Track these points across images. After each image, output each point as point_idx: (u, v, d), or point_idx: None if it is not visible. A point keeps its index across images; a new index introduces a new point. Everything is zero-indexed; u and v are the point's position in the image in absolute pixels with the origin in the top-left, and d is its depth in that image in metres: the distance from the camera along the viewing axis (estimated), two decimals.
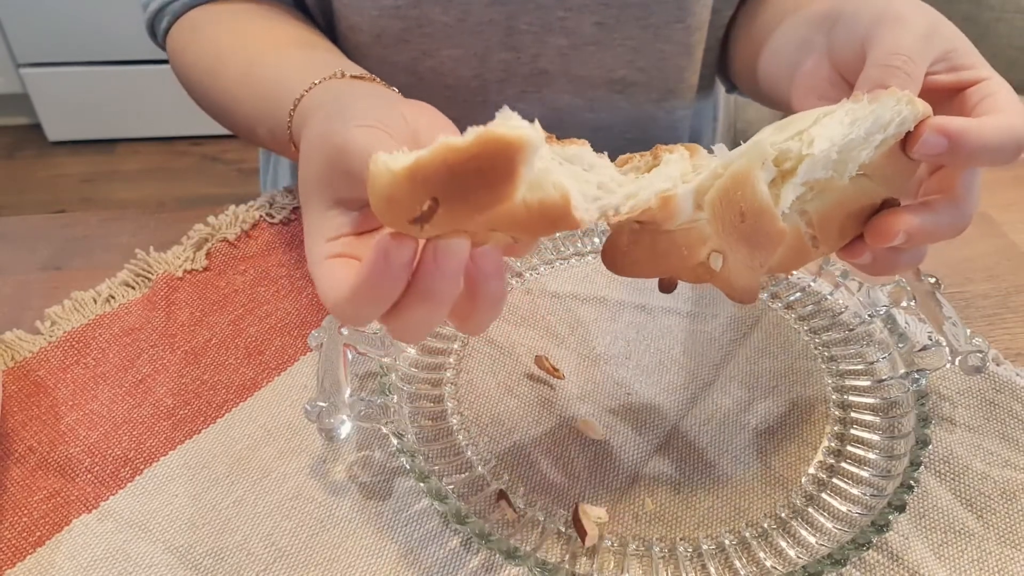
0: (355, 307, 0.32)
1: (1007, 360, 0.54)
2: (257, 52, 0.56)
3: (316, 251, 0.35)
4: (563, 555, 0.43)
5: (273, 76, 0.52)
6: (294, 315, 0.56)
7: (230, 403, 0.51)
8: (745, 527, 0.44)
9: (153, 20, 0.64)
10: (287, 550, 0.43)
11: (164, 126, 2.17)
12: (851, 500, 0.45)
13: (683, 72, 0.72)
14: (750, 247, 0.37)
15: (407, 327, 0.33)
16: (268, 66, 0.54)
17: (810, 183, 0.36)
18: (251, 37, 0.58)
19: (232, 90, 0.56)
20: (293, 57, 0.54)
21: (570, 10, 0.66)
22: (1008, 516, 0.45)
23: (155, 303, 0.56)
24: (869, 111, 0.36)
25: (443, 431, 0.49)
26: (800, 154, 0.35)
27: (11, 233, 0.64)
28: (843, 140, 0.35)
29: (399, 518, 0.45)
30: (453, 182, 0.28)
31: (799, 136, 0.35)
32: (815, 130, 0.35)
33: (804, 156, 0.35)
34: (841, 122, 0.36)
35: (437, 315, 0.33)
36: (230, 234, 0.61)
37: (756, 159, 0.35)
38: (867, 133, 0.36)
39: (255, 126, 0.54)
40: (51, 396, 0.51)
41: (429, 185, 0.28)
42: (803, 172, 0.35)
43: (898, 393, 0.49)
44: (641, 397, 0.51)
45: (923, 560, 0.43)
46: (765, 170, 0.35)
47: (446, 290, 0.32)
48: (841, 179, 0.37)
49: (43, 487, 0.46)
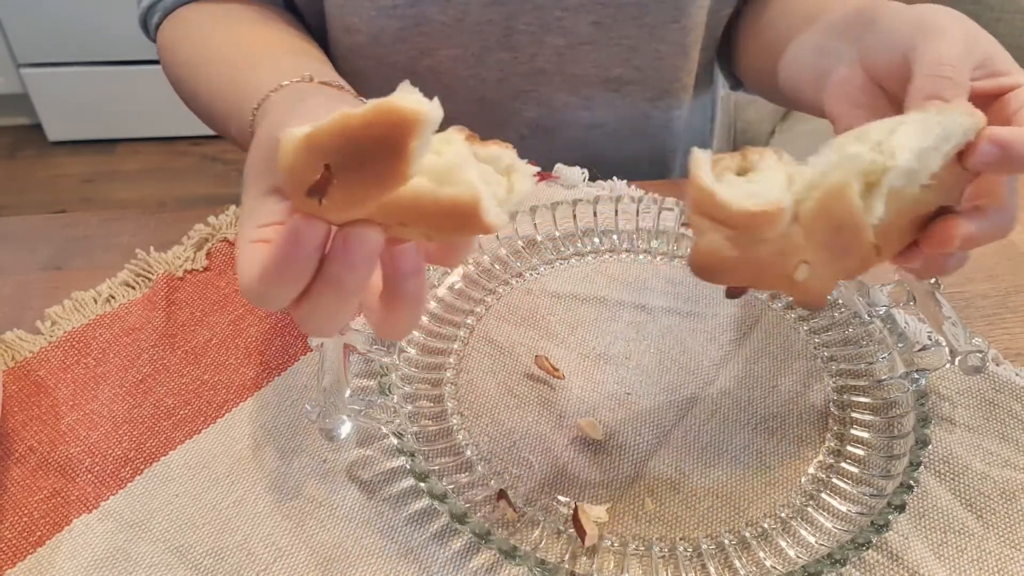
0: (263, 286, 0.33)
1: (1007, 360, 0.54)
2: (242, 56, 0.57)
3: (244, 234, 0.36)
4: (563, 555, 0.43)
5: (251, 79, 0.52)
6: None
7: (230, 403, 0.51)
8: (745, 527, 0.44)
9: (145, 15, 0.66)
10: (287, 550, 0.43)
11: (164, 126, 2.17)
12: (851, 500, 0.45)
13: (679, 72, 0.73)
14: (837, 257, 0.37)
15: (314, 316, 0.34)
16: (249, 69, 0.54)
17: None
18: (240, 39, 0.59)
19: (213, 88, 0.57)
20: (277, 61, 0.55)
21: (567, 10, 0.66)
22: (1008, 516, 0.45)
23: (155, 303, 0.56)
24: (937, 122, 0.36)
25: (443, 431, 0.49)
26: (885, 165, 0.35)
27: (11, 233, 0.64)
28: (920, 151, 0.35)
29: (399, 518, 0.45)
30: (347, 150, 0.28)
31: (879, 147, 0.36)
32: (895, 140, 0.36)
33: (889, 167, 0.35)
34: (916, 133, 0.36)
35: (345, 305, 0.33)
36: (230, 234, 0.61)
37: (852, 172, 0.35)
38: (936, 144, 0.36)
39: (228, 123, 0.55)
40: (51, 396, 0.51)
41: (324, 152, 0.29)
42: (886, 183, 0.35)
43: (898, 393, 0.49)
44: (641, 397, 0.51)
45: (923, 560, 0.43)
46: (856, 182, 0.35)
47: (354, 279, 0.32)
48: (913, 189, 0.37)
49: (43, 487, 0.46)
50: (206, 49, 0.60)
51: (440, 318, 0.55)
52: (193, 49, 0.61)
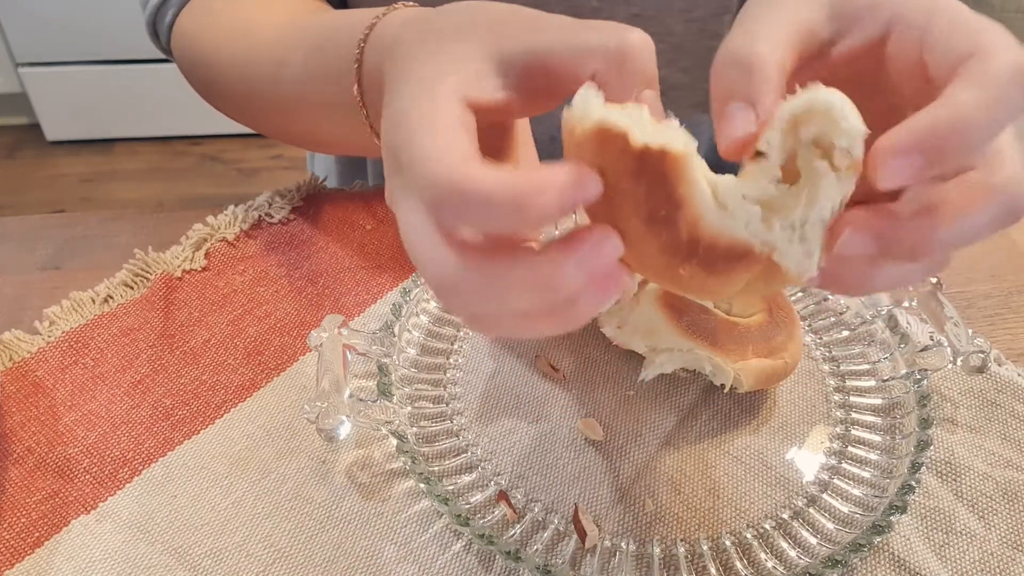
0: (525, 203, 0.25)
1: (1009, 360, 0.53)
2: (288, 17, 0.50)
3: (445, 104, 0.28)
4: (563, 556, 0.43)
5: (315, 22, 0.45)
6: (293, 315, 0.56)
7: (229, 403, 0.50)
8: (746, 528, 0.44)
9: (155, 16, 0.60)
10: (286, 551, 0.43)
11: (163, 126, 2.17)
12: (853, 501, 0.45)
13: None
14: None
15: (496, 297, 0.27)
16: (308, 20, 0.47)
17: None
18: (277, 8, 0.53)
19: (273, 54, 0.48)
20: (336, 12, 0.48)
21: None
22: (1010, 517, 0.45)
23: (154, 303, 0.56)
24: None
25: (443, 432, 0.48)
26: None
27: (10, 233, 0.64)
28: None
29: (399, 518, 0.45)
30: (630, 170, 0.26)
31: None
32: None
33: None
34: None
35: (536, 299, 0.27)
36: (229, 234, 0.61)
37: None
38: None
39: (306, 81, 0.46)
40: (49, 396, 0.50)
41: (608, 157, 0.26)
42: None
43: (900, 394, 0.49)
44: (641, 397, 0.51)
45: (925, 561, 0.43)
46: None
47: (567, 282, 0.27)
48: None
49: (41, 488, 0.46)
50: (249, 21, 0.52)
51: (440, 318, 0.55)
52: (234, 24, 0.53)
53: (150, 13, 0.60)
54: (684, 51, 0.63)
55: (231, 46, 0.52)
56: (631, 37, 0.30)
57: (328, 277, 0.59)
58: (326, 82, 0.43)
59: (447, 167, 0.26)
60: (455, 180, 0.26)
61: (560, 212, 0.25)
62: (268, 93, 0.50)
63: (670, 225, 0.27)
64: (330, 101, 0.43)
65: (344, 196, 0.65)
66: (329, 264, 0.59)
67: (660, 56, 0.69)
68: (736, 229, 0.27)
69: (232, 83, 0.53)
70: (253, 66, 0.50)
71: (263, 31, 0.50)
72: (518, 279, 0.27)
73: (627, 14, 0.61)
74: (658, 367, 0.47)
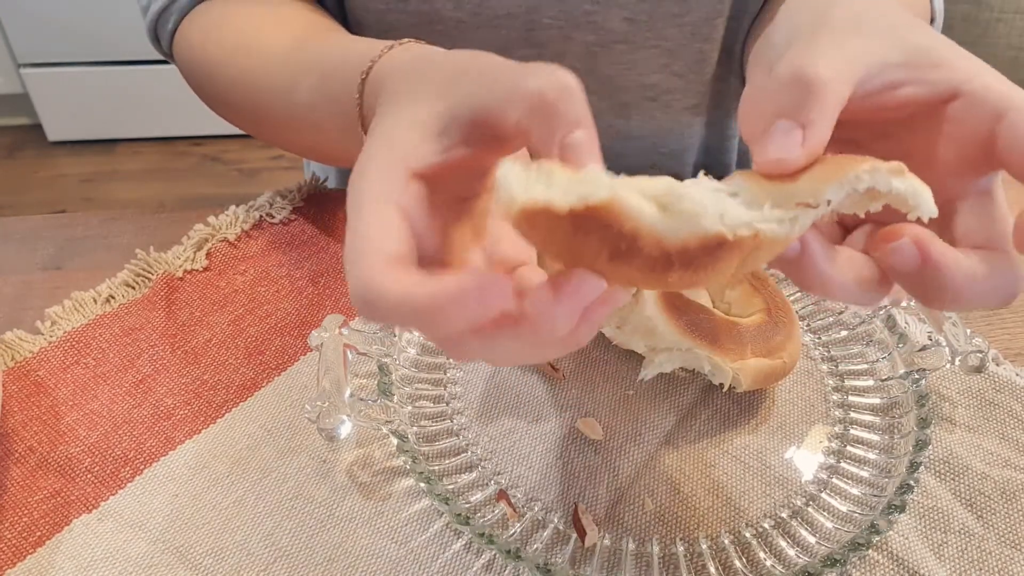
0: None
1: (1007, 360, 0.54)
2: (296, 33, 0.51)
3: (379, 187, 0.29)
4: (563, 555, 0.43)
5: (327, 48, 0.46)
6: (294, 315, 0.56)
7: (230, 403, 0.51)
8: (745, 527, 0.44)
9: (156, 22, 0.59)
10: (287, 550, 0.43)
11: (164, 126, 2.18)
12: (851, 500, 0.45)
13: (727, 73, 0.65)
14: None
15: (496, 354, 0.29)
16: (319, 42, 0.48)
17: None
18: (284, 21, 0.53)
19: (283, 75, 0.49)
20: (340, 36, 0.49)
21: (597, 3, 0.60)
22: (1008, 516, 0.45)
23: (155, 303, 0.56)
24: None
25: (443, 431, 0.49)
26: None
27: (11, 233, 0.64)
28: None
29: (399, 518, 0.45)
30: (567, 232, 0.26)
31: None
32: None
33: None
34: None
35: (528, 350, 0.28)
36: (230, 234, 0.61)
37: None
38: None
39: (316, 106, 0.47)
40: (51, 396, 0.51)
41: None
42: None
43: (898, 393, 0.49)
44: (641, 397, 0.51)
45: (923, 560, 0.43)
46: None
47: (559, 329, 0.27)
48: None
49: (43, 487, 0.46)
50: (252, 34, 0.53)
51: None
52: (235, 37, 0.54)
53: (151, 19, 0.59)
54: (676, 55, 0.64)
55: (239, 62, 0.53)
56: (551, 80, 0.29)
57: (329, 277, 0.59)
58: (335, 112, 0.44)
59: (367, 271, 0.27)
60: (371, 288, 0.26)
61: (475, 320, 0.26)
62: (277, 111, 0.51)
63: (636, 254, 0.27)
64: (340, 126, 0.44)
65: (345, 196, 0.65)
66: (330, 264, 0.60)
67: (653, 60, 0.69)
68: (697, 227, 0.27)
69: (239, 98, 0.54)
70: (263, 85, 0.51)
71: (272, 49, 0.51)
72: (511, 346, 0.28)
73: (620, 18, 0.61)
74: (657, 366, 0.48)
